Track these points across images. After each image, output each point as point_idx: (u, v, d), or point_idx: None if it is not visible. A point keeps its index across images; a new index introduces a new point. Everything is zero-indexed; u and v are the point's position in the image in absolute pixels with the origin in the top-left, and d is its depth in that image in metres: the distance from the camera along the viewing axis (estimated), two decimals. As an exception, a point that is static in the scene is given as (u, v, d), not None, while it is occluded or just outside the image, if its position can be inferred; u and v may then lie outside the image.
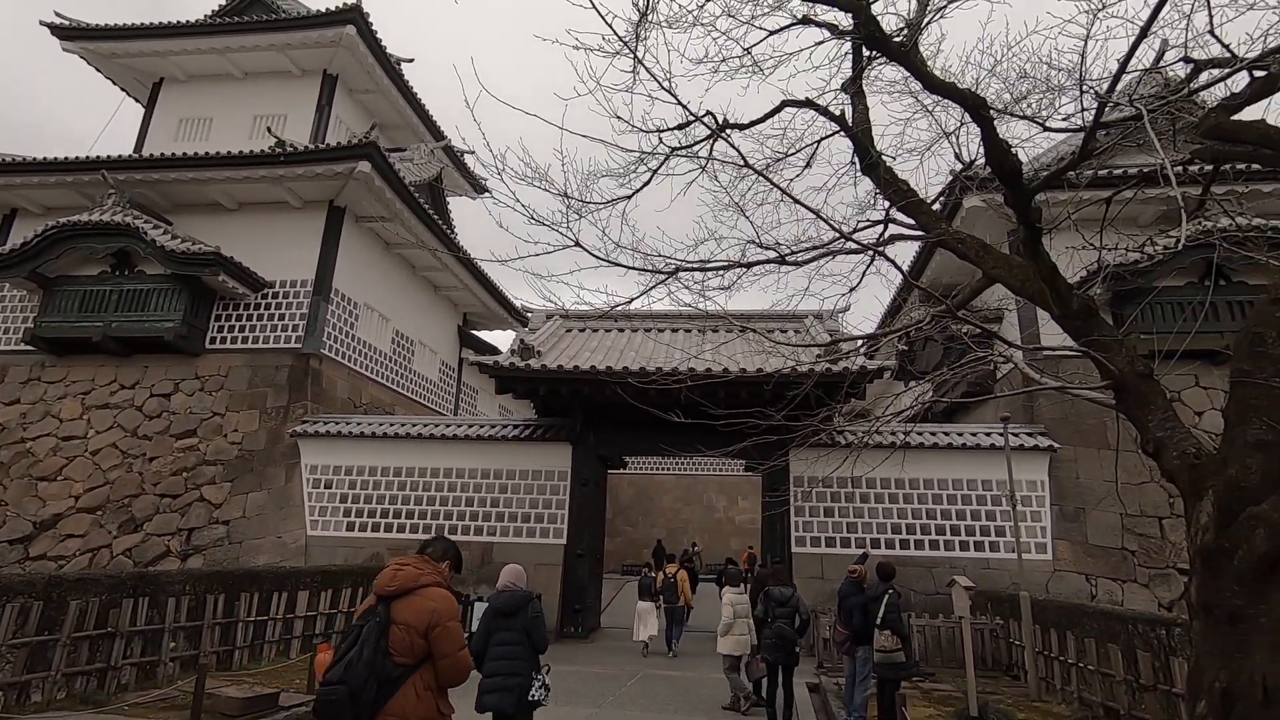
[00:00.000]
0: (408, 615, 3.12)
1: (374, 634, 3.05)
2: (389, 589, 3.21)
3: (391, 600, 3.18)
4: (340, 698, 2.92)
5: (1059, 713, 8.43)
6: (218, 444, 15.95)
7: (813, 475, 14.21)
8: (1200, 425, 13.96)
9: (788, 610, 7.93)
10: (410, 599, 3.17)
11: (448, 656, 3.14)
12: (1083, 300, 5.37)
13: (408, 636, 3.08)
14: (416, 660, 3.09)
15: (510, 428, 15.37)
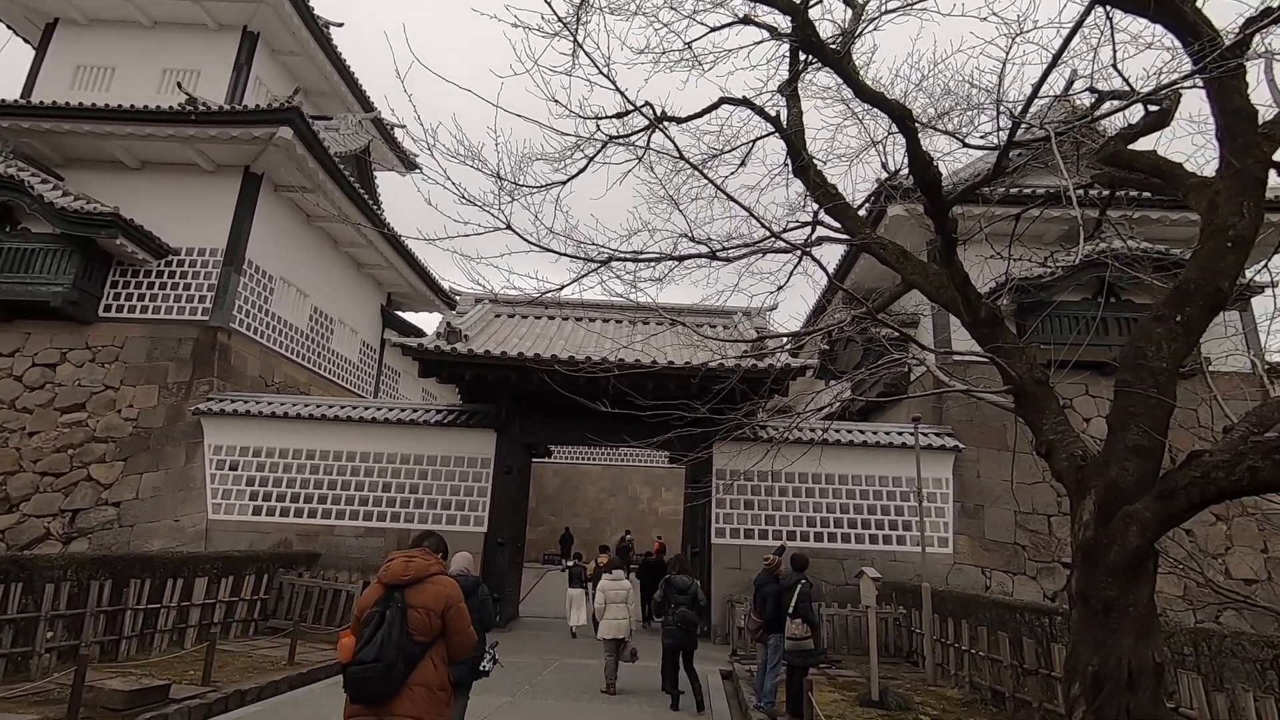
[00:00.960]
0: (425, 599, 3.56)
1: (398, 617, 3.47)
2: (404, 578, 3.60)
3: (406, 587, 3.58)
4: (376, 673, 3.36)
5: (951, 696, 8.97)
6: (109, 420, 14.87)
7: (734, 468, 14.55)
8: (1088, 431, 15.08)
9: (687, 597, 8.27)
10: (424, 585, 3.61)
11: (459, 634, 3.67)
12: (990, 309, 5.70)
13: (426, 618, 3.53)
14: (433, 638, 3.56)
15: (433, 413, 15.00)
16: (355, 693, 3.41)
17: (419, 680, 3.47)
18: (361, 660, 3.40)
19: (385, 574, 3.66)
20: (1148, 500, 4.84)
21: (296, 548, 13.79)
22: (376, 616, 3.50)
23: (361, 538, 14.09)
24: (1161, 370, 5.04)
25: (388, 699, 3.40)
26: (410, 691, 3.44)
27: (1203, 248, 5.12)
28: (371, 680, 3.37)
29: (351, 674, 3.42)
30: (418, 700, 3.44)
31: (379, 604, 3.56)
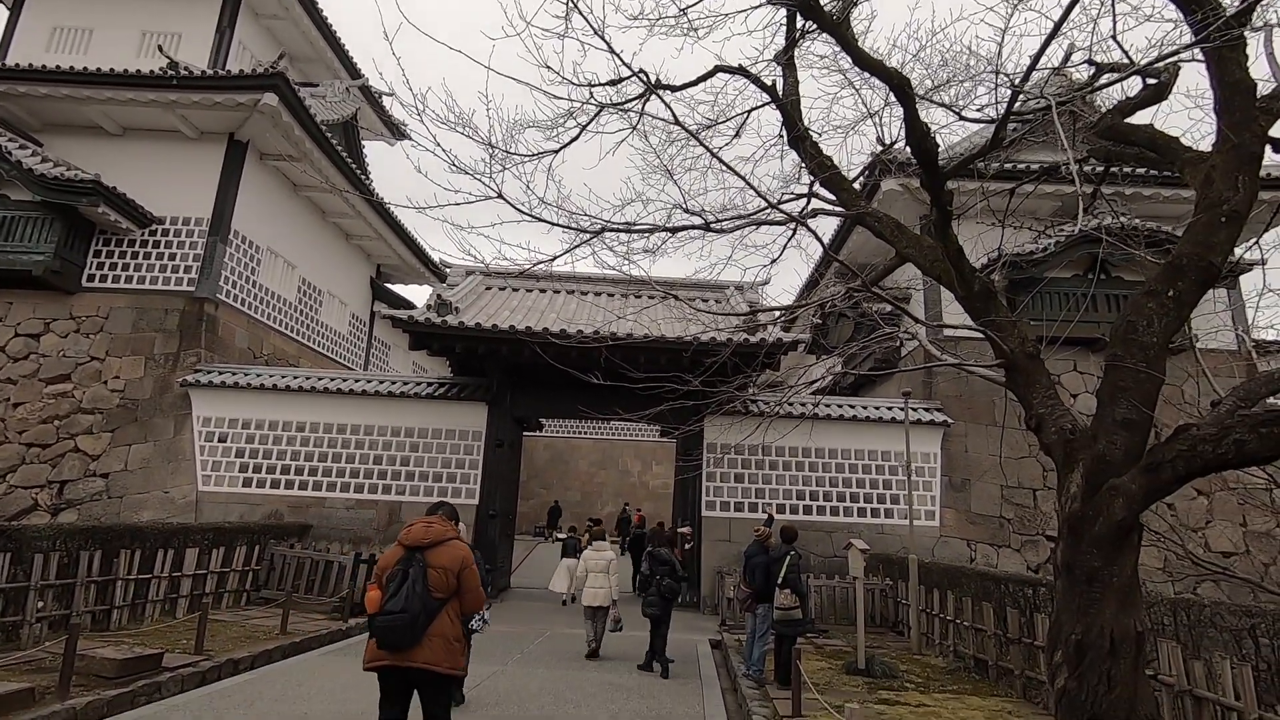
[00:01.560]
0: (443, 560, 4.03)
1: (420, 575, 3.93)
2: (424, 541, 4.06)
3: (426, 549, 4.04)
4: (402, 623, 3.83)
5: (936, 664, 9.16)
6: (96, 391, 14.73)
7: (725, 442, 14.63)
8: (1075, 407, 15.24)
9: (668, 568, 8.52)
10: (442, 548, 4.07)
11: (472, 591, 4.16)
12: (983, 283, 5.70)
13: (444, 577, 4.00)
14: (449, 594, 4.02)
15: (423, 385, 14.95)
16: (382, 640, 3.85)
17: (437, 631, 3.91)
18: (389, 611, 3.84)
19: (407, 537, 4.09)
20: (1134, 473, 4.90)
21: (288, 519, 13.80)
22: (400, 574, 3.94)
23: (353, 509, 14.12)
24: (1152, 345, 5.07)
25: (411, 646, 3.84)
26: (430, 641, 3.88)
27: (1196, 222, 5.12)
28: (398, 629, 3.82)
29: (379, 623, 3.84)
30: (436, 648, 3.89)
31: (401, 563, 3.99)
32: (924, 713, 6.74)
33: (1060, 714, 4.99)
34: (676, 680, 8.22)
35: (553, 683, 7.68)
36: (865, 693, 7.39)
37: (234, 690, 6.85)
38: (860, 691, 7.43)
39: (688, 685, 8.00)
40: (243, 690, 6.86)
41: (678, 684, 8.03)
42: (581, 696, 7.20)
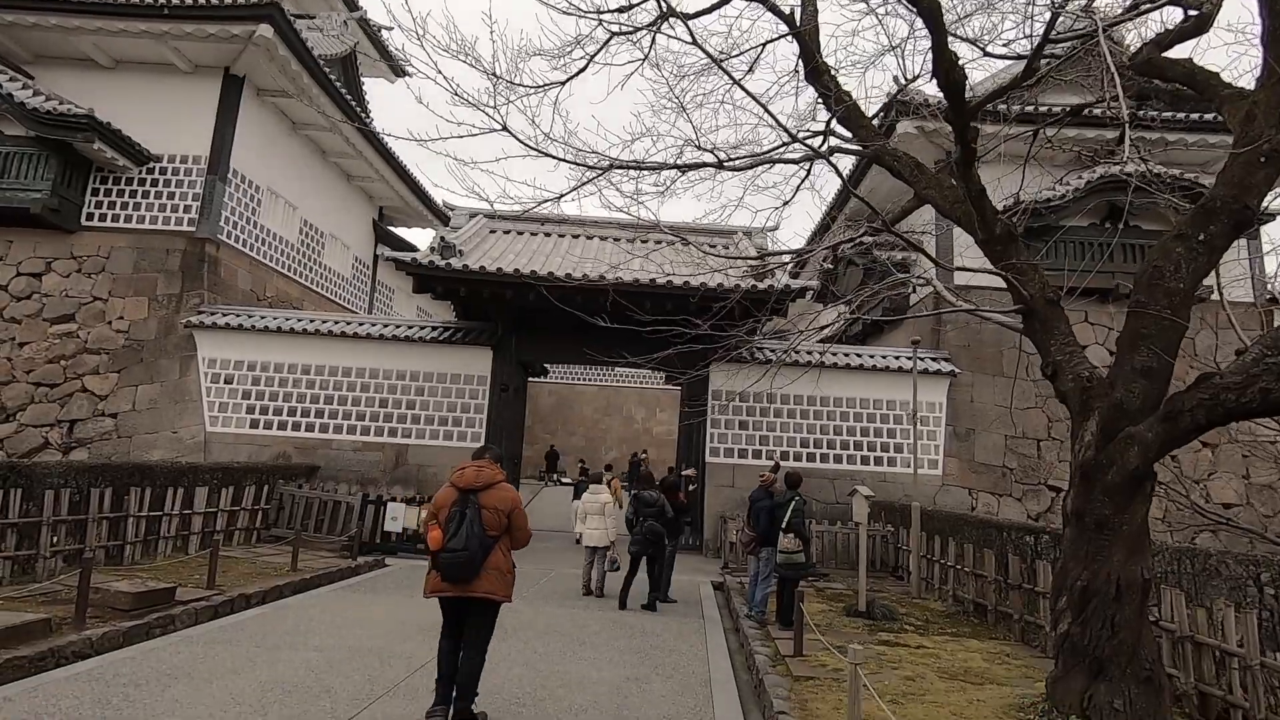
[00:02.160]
0: (495, 501, 4.47)
1: (476, 516, 4.37)
2: (476, 484, 4.50)
3: (479, 491, 4.47)
4: (464, 559, 4.32)
5: (935, 608, 9.29)
6: (100, 331, 14.68)
7: (731, 389, 14.58)
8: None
9: (654, 510, 8.75)
10: (494, 490, 4.51)
11: (521, 528, 4.63)
12: (1005, 225, 5.50)
13: (496, 517, 4.45)
14: (500, 532, 4.49)
15: (428, 329, 14.86)
16: (446, 573, 4.37)
17: (493, 565, 4.41)
18: (452, 549, 4.32)
19: (460, 480, 4.53)
20: (1152, 421, 4.80)
21: (295, 461, 13.93)
22: (458, 515, 4.38)
23: (359, 452, 14.23)
24: (1178, 291, 4.91)
25: (471, 578, 4.35)
26: (487, 573, 4.38)
27: (1233, 162, 4.88)
28: (461, 564, 4.31)
29: (444, 559, 4.35)
30: (492, 579, 4.41)
31: (457, 504, 4.43)
32: (923, 654, 6.84)
33: (1061, 658, 5.04)
34: (679, 619, 8.37)
35: (558, 620, 7.82)
36: (865, 634, 7.50)
37: (246, 624, 6.99)
38: (860, 633, 7.55)
39: (690, 624, 8.14)
40: (255, 624, 7.00)
41: (680, 622, 8.17)
42: (586, 634, 7.33)
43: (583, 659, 6.40)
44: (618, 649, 6.84)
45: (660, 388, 29.70)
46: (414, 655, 6.18)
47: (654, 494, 8.88)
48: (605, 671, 6.06)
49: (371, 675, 5.54)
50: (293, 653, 6.03)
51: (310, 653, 6.06)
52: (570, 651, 6.61)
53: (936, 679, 6.00)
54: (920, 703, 5.34)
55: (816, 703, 5.33)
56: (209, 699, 4.84)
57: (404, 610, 7.90)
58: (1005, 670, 6.39)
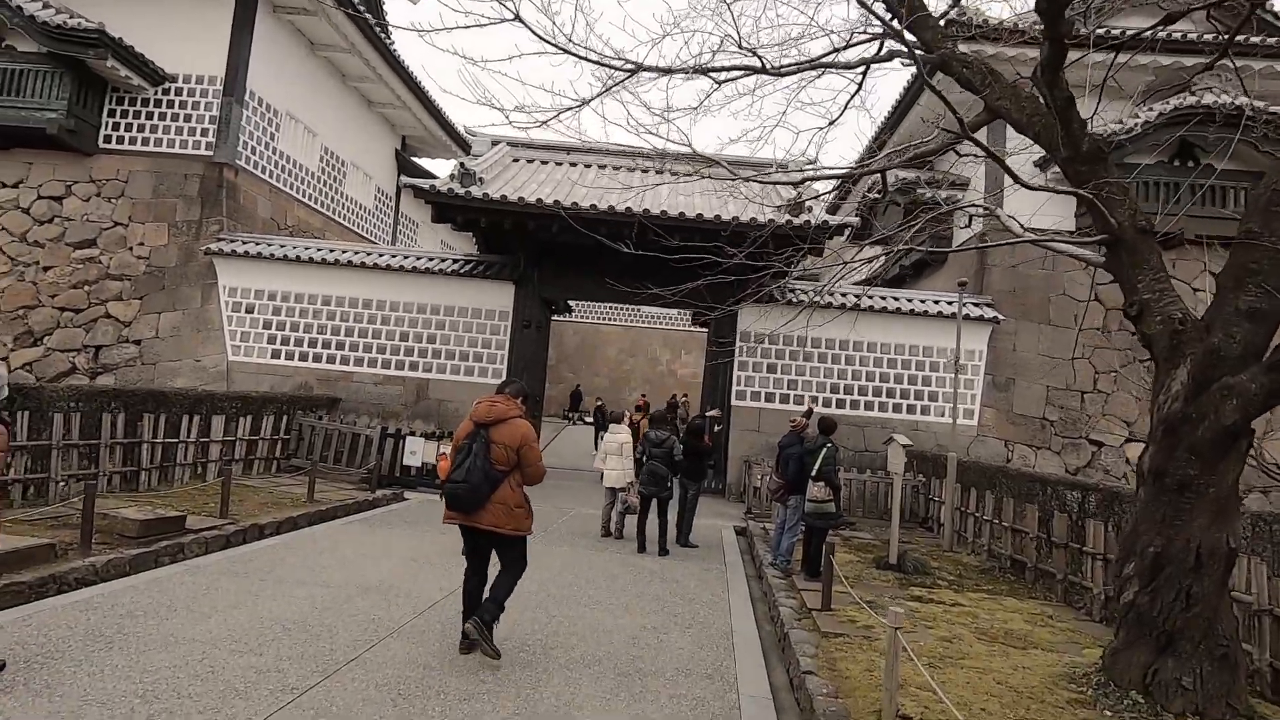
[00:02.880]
0: (504, 437, 4.40)
1: (483, 449, 4.34)
2: (488, 418, 4.45)
3: (490, 426, 4.43)
4: (465, 491, 4.32)
5: (968, 562, 8.84)
6: (122, 257, 14.45)
7: (759, 330, 13.98)
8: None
9: (663, 451, 8.34)
10: (504, 425, 4.43)
11: (531, 465, 4.53)
12: (1095, 142, 4.72)
13: (505, 452, 4.39)
14: (510, 467, 4.42)
15: (449, 262, 14.36)
16: (450, 503, 4.44)
17: (499, 499, 4.37)
18: (454, 480, 4.36)
19: (474, 413, 4.51)
20: (1255, 370, 4.13)
21: (317, 392, 13.75)
22: (466, 447, 4.40)
23: (380, 385, 13.99)
24: (1303, 218, 4.15)
25: (475, 510, 4.36)
26: (492, 506, 4.36)
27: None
28: (462, 496, 4.33)
29: (448, 489, 4.44)
30: (497, 513, 4.38)
31: (469, 438, 4.43)
32: (959, 612, 6.40)
33: (1124, 628, 4.53)
34: (700, 564, 8.03)
35: (575, 562, 7.52)
36: (896, 588, 7.08)
37: (256, 555, 6.78)
38: (891, 587, 7.13)
39: (711, 570, 7.80)
40: (265, 555, 6.79)
41: (701, 568, 7.84)
42: (603, 577, 7.02)
43: (598, 604, 6.07)
44: (634, 594, 6.51)
45: (685, 330, 29.10)
46: (422, 594, 5.90)
47: (662, 433, 8.44)
48: (621, 619, 5.72)
49: (376, 616, 5.26)
50: (299, 588, 5.78)
51: (317, 588, 5.81)
52: (585, 596, 6.29)
53: (975, 641, 5.56)
54: (959, 667, 4.91)
55: (846, 663, 4.93)
56: (205, 635, 4.59)
57: (417, 546, 7.66)
58: (1049, 634, 5.93)
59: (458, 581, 6.30)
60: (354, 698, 3.83)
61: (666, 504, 8.41)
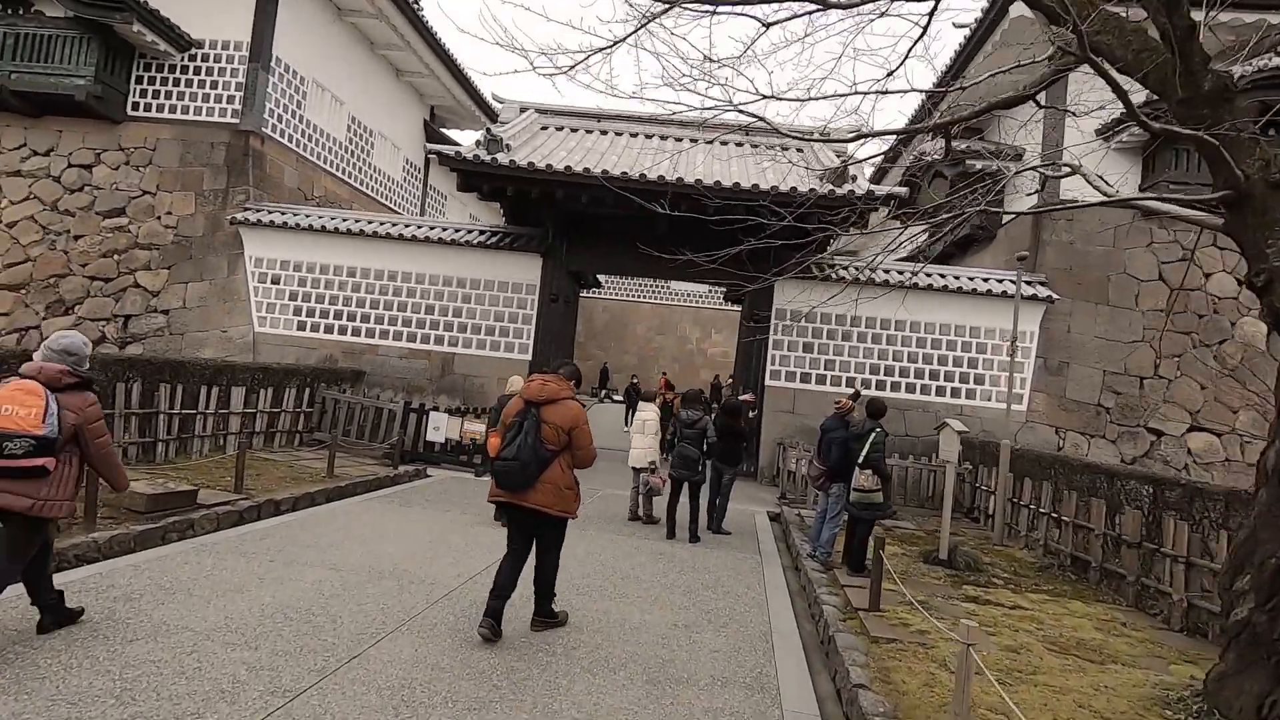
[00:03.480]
0: (555, 417, 4.33)
1: (533, 428, 4.26)
2: (540, 397, 4.37)
3: (541, 405, 4.36)
4: (514, 469, 4.22)
5: (1021, 558, 8.18)
6: (150, 226, 14.27)
7: (796, 308, 13.29)
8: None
9: (695, 432, 7.79)
10: (556, 406, 4.37)
11: (583, 448, 4.45)
12: (1218, 80, 3.96)
13: (556, 432, 4.31)
14: (560, 448, 4.34)
15: (475, 233, 13.88)
16: (499, 480, 4.34)
17: (549, 479, 4.29)
18: (504, 458, 4.27)
19: (526, 391, 4.44)
20: None
21: (342, 365, 13.47)
22: (516, 425, 4.32)
23: (405, 359, 13.65)
24: None
25: (523, 489, 4.27)
26: (541, 485, 4.26)
27: None
28: (511, 474, 4.24)
29: (497, 466, 4.33)
30: (546, 492, 4.28)
31: (519, 415, 4.35)
32: (1020, 616, 5.79)
33: (1235, 650, 3.87)
34: (733, 553, 7.51)
35: (600, 548, 7.05)
36: (949, 587, 6.48)
37: (268, 532, 6.44)
38: (943, 585, 6.53)
39: (745, 560, 7.28)
40: (277, 533, 6.44)
41: (734, 557, 7.32)
42: (630, 565, 6.54)
43: (624, 597, 5.59)
44: (664, 586, 6.02)
45: (716, 308, 28.40)
46: (438, 580, 5.48)
47: (695, 413, 7.88)
48: (650, 614, 5.23)
49: (386, 604, 4.85)
50: (308, 570, 5.40)
51: (326, 571, 5.42)
52: (611, 588, 5.81)
53: (1045, 652, 4.95)
54: (1032, 684, 4.32)
55: (902, 674, 4.37)
56: (200, 623, 4.20)
57: (437, 527, 7.26)
58: (1126, 645, 5.29)
59: (475, 567, 5.92)
60: (350, 705, 3.40)
61: (698, 488, 7.89)
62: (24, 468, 3.40)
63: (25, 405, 3.40)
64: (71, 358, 3.69)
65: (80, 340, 3.79)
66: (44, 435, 3.43)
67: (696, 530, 7.81)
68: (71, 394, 3.61)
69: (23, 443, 3.37)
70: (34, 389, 3.47)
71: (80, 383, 3.68)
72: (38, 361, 3.63)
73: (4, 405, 3.38)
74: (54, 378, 3.56)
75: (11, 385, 3.48)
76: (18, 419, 3.38)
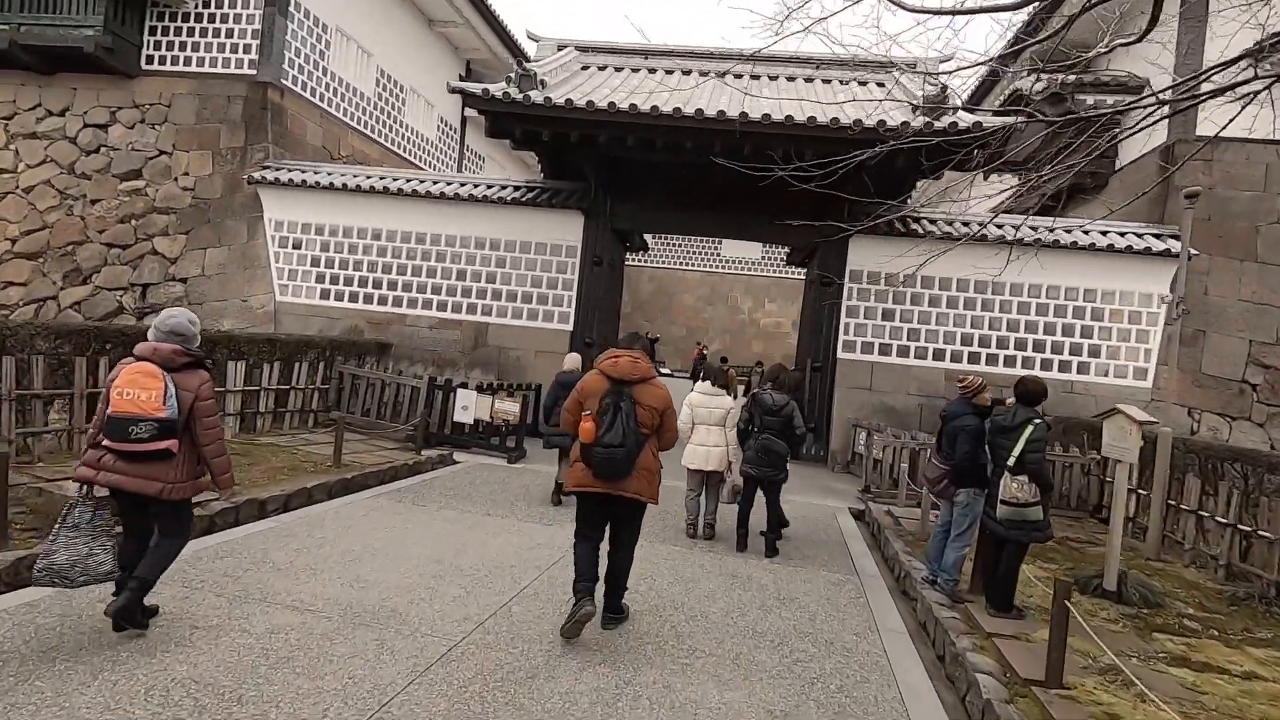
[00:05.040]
0: (649, 399, 3.99)
1: (631, 412, 3.89)
2: (632, 376, 3.97)
3: (633, 385, 3.96)
4: (622, 455, 3.83)
5: (1195, 581, 6.19)
6: (168, 189, 13.05)
7: (874, 268, 11.30)
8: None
9: (780, 420, 6.04)
10: (647, 386, 4.01)
11: (671, 430, 4.15)
12: None
13: (651, 415, 3.99)
14: (652, 430, 4.02)
15: (510, 189, 12.21)
16: (599, 469, 3.84)
17: (643, 465, 3.93)
18: (609, 444, 3.79)
19: (614, 370, 3.96)
20: None
21: (368, 336, 12.09)
22: (611, 407, 3.86)
23: (435, 329, 12.18)
24: None
25: (624, 477, 3.87)
26: (638, 473, 3.91)
27: None
28: (617, 461, 3.81)
29: (598, 454, 3.82)
30: (641, 479, 3.93)
31: (611, 396, 3.89)
32: (1265, 692, 3.90)
33: None
34: (823, 572, 5.78)
35: (655, 575, 5.39)
36: (1135, 636, 4.62)
37: (235, 548, 4.98)
38: (1125, 633, 4.66)
39: (842, 586, 5.52)
40: (247, 548, 4.98)
41: (826, 582, 5.59)
42: (693, 600, 4.86)
43: (691, 654, 3.92)
44: (742, 631, 4.33)
45: (770, 275, 26.27)
46: (436, 629, 3.90)
47: (779, 396, 6.10)
48: (729, 691, 3.56)
49: (354, 677, 3.28)
50: (265, 613, 3.90)
51: (289, 615, 3.91)
52: (671, 636, 4.15)
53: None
54: None
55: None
56: (60, 722, 2.70)
57: (453, 536, 5.72)
58: None
59: (489, 604, 4.29)
60: None
61: (779, 489, 6.16)
62: (151, 451, 3.29)
63: (146, 388, 3.28)
64: (179, 338, 3.50)
65: (186, 319, 3.56)
66: (166, 418, 3.29)
67: (775, 542, 6.10)
68: (186, 373, 3.45)
69: (148, 426, 3.25)
70: (152, 371, 3.33)
71: (193, 362, 3.51)
72: (151, 342, 3.45)
73: (125, 389, 3.27)
74: (169, 358, 3.40)
75: (131, 368, 3.34)
76: (140, 402, 3.26)
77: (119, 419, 3.22)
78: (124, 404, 3.23)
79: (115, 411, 3.24)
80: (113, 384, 3.29)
